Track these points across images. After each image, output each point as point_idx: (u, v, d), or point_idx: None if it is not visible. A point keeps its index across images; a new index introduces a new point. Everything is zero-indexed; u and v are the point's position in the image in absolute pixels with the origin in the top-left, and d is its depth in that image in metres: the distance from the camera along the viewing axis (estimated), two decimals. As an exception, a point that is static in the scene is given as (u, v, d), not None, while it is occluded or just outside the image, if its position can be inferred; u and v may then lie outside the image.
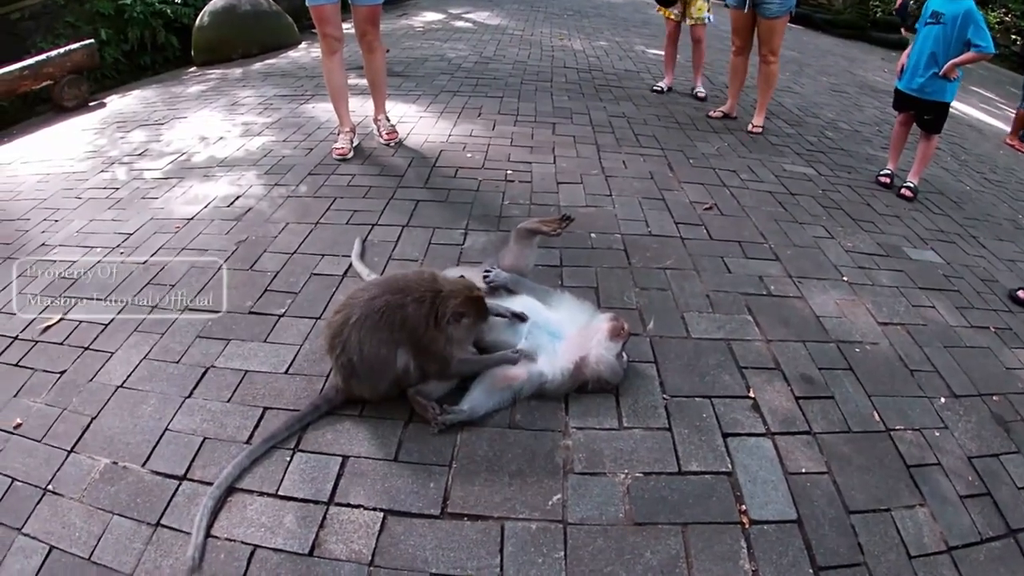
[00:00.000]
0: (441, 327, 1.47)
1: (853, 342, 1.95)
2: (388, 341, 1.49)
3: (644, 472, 1.43)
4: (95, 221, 2.79)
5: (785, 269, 2.35)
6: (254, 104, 4.58)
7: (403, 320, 1.48)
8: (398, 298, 1.50)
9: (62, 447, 1.52)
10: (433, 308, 1.48)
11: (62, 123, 4.62)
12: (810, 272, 2.36)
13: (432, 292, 1.50)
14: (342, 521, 1.34)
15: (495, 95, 4.50)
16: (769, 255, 2.45)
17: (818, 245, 2.59)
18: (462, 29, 7.57)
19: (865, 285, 2.32)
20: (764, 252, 2.47)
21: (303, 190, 2.97)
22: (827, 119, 4.76)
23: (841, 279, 2.34)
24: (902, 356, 1.91)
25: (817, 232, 2.72)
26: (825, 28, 10.47)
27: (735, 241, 2.52)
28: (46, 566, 1.25)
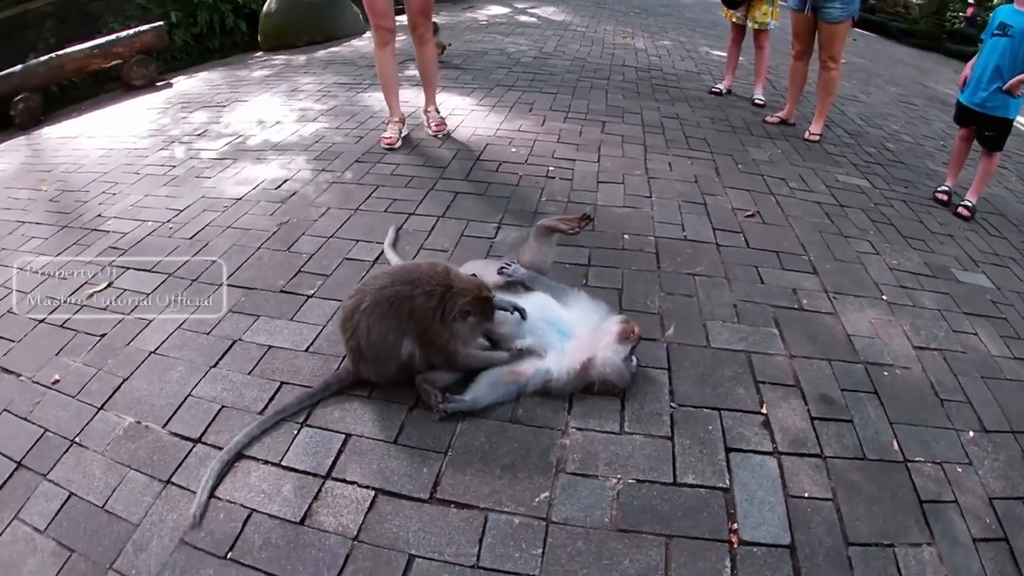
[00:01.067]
0: (447, 322, 1.53)
1: (883, 364, 1.87)
2: (395, 330, 1.56)
3: (637, 479, 1.43)
4: (150, 196, 3.03)
5: (822, 283, 2.27)
6: (313, 91, 4.82)
7: (411, 311, 1.55)
8: (408, 289, 1.56)
9: (93, 404, 1.69)
10: (441, 303, 1.53)
11: (129, 101, 5.02)
12: (848, 288, 2.26)
13: (442, 287, 1.56)
14: (335, 495, 1.42)
15: (549, 91, 4.56)
16: (807, 268, 2.37)
17: (861, 260, 2.48)
18: (525, 24, 7.67)
19: (905, 306, 2.21)
20: (802, 264, 2.39)
21: (348, 177, 3.12)
22: (890, 131, 4.59)
23: (880, 298, 2.24)
24: (934, 383, 1.81)
25: (862, 247, 2.61)
26: (900, 37, 10.25)
27: (773, 251, 2.46)
28: (63, 510, 1.41)
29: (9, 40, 5.93)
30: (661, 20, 8.36)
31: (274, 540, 1.32)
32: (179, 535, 1.34)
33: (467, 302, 1.54)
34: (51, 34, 6.10)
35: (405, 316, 1.56)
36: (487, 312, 1.59)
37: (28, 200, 3.10)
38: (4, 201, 3.05)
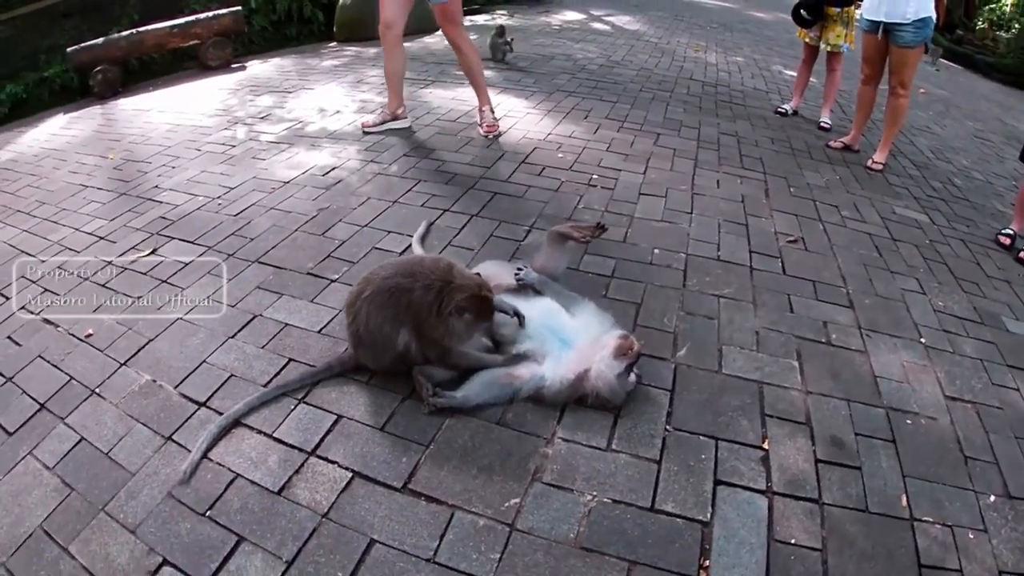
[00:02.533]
0: (443, 317, 1.59)
1: (907, 412, 1.75)
2: (392, 320, 1.64)
3: (612, 499, 1.43)
4: (205, 172, 3.30)
5: (856, 318, 2.16)
6: (376, 83, 5.08)
7: (409, 303, 1.62)
8: (408, 281, 1.64)
9: (117, 359, 1.88)
10: (439, 297, 1.59)
11: (202, 80, 5.47)
12: (884, 326, 2.15)
13: (442, 282, 1.62)
14: (315, 472, 1.51)
15: (609, 99, 4.61)
16: (843, 301, 2.26)
17: (904, 299, 2.35)
18: (598, 31, 7.76)
19: (944, 351, 2.07)
20: (839, 297, 2.29)
21: (393, 169, 3.27)
22: (960, 166, 4.37)
23: (918, 340, 2.11)
24: (960, 438, 1.68)
25: (908, 284, 2.48)
26: (986, 72, 9.92)
27: (810, 280, 2.37)
28: (72, 452, 1.58)
29: (95, 14, 6.56)
30: (738, 36, 8.29)
31: (251, 505, 1.43)
32: (168, 488, 1.47)
33: (464, 298, 1.59)
34: (135, 10, 6.69)
35: (403, 308, 1.63)
36: (484, 311, 1.63)
37: (94, 166, 3.46)
38: (73, 165, 3.41)
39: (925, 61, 6.00)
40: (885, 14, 3.52)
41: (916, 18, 3.43)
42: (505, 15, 8.95)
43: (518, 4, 9.60)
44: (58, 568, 1.31)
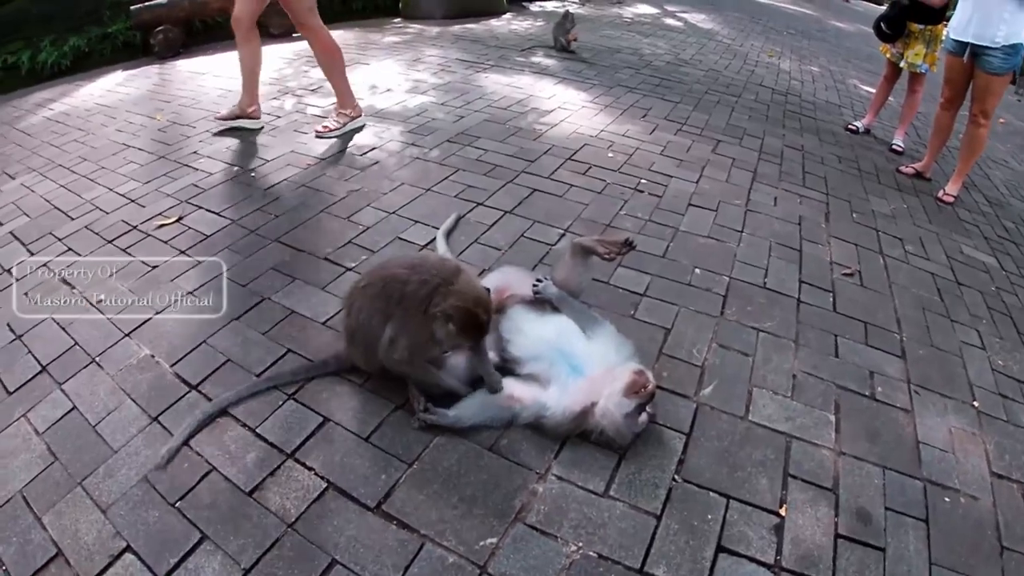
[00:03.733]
0: (428, 316, 1.50)
1: (947, 487, 1.56)
2: (381, 312, 1.57)
3: (599, 553, 1.32)
4: (246, 142, 3.35)
5: (906, 371, 1.96)
6: (433, 63, 5.07)
7: (401, 296, 1.54)
8: (406, 273, 1.56)
9: (121, 329, 1.92)
10: (431, 295, 1.51)
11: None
12: (936, 383, 1.94)
13: (441, 281, 1.53)
14: (290, 477, 1.48)
15: (671, 99, 4.46)
16: (895, 349, 2.06)
17: (962, 353, 2.13)
18: (670, 27, 7.61)
19: (997, 419, 1.85)
20: (890, 343, 2.08)
21: (433, 155, 3.23)
22: None
23: (971, 403, 1.89)
24: (1001, 524, 1.48)
25: (968, 337, 2.24)
26: None
27: (861, 321, 2.17)
28: (62, 420, 1.62)
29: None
30: (816, 45, 8.02)
31: (219, 503, 1.41)
32: (145, 471, 1.47)
33: (454, 306, 1.48)
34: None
35: (395, 301, 1.55)
36: (469, 329, 1.51)
37: (140, 126, 3.58)
38: (120, 123, 3.54)
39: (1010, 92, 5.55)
40: (974, 36, 3.31)
41: (1007, 43, 3.21)
42: (577, 3, 8.79)
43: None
44: (29, 537, 1.34)
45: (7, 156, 3.38)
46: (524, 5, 8.23)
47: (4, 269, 2.29)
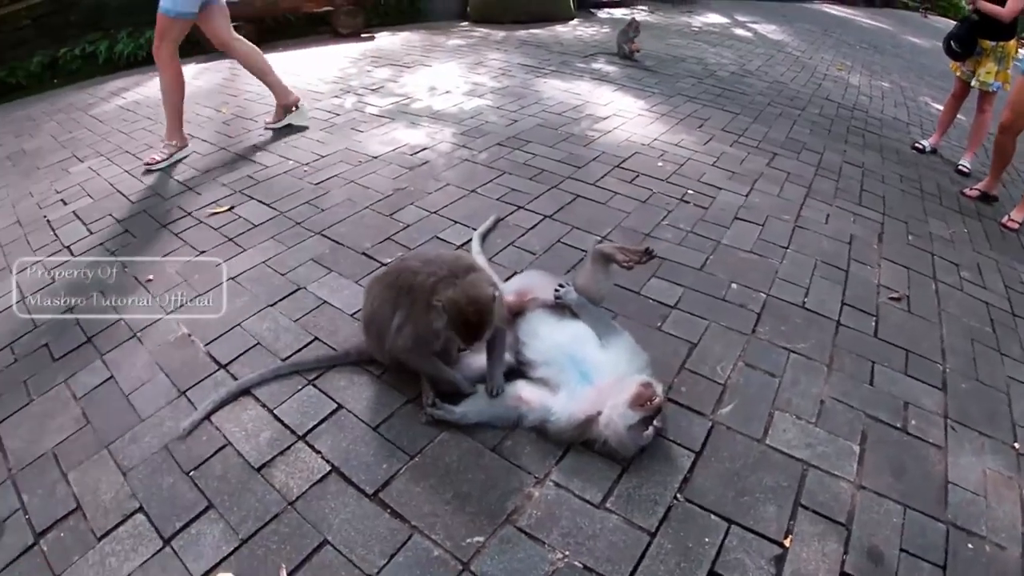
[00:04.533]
0: (430, 308, 1.53)
1: (973, 533, 1.44)
2: (392, 301, 1.64)
3: (584, 564, 1.31)
4: (303, 138, 3.54)
5: (945, 405, 1.82)
6: (495, 67, 5.18)
7: (410, 287, 1.59)
8: (419, 266, 1.62)
9: (165, 308, 2.08)
10: (435, 287, 1.54)
11: (331, 47, 5.87)
12: (976, 420, 1.79)
13: (449, 274, 1.56)
14: (298, 458, 1.56)
15: (731, 110, 4.38)
16: (936, 380, 1.92)
17: (1008, 390, 1.96)
18: (738, 37, 7.50)
19: None
20: (932, 374, 1.95)
21: (482, 157, 3.30)
22: None
23: (1011, 444, 1.74)
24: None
25: (1018, 373, 2.08)
26: None
27: (903, 348, 2.04)
28: (99, 388, 1.78)
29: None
30: (888, 60, 7.69)
31: (229, 476, 1.51)
32: (166, 440, 1.60)
33: (450, 300, 1.49)
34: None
35: (404, 291, 1.61)
36: (459, 327, 1.51)
37: (206, 118, 3.85)
38: (189, 115, 3.79)
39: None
40: None
41: None
42: (646, 11, 8.74)
43: (661, 1, 9.38)
44: (54, 490, 1.48)
45: (78, 140, 3.72)
46: (592, 12, 8.24)
47: (64, 246, 2.54)
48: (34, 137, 4.00)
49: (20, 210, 2.88)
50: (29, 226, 2.74)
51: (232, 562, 1.31)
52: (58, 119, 4.29)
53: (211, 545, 1.34)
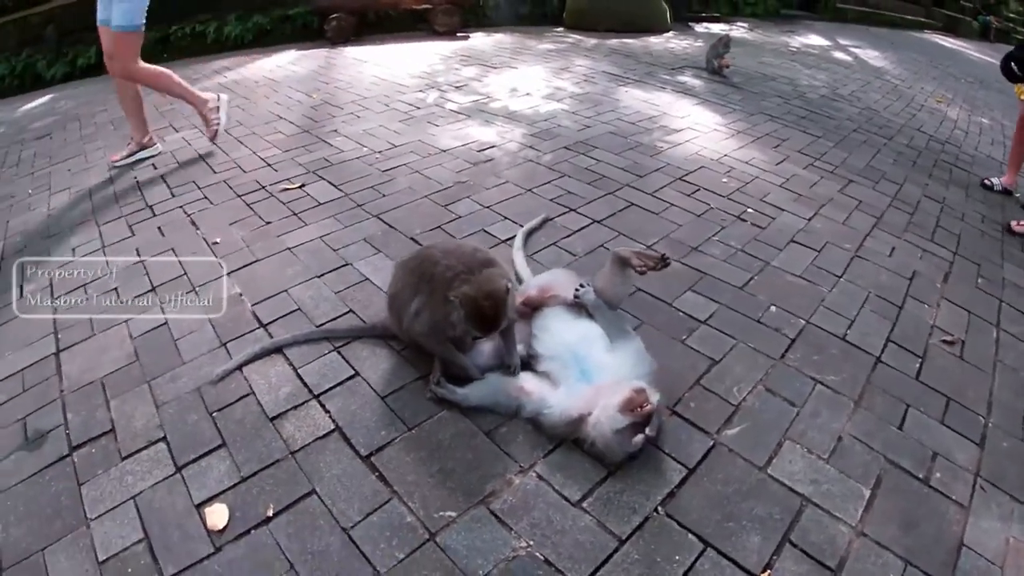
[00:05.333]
0: (446, 300, 1.61)
1: None
2: (413, 286, 1.73)
3: (544, 557, 1.32)
4: (382, 127, 3.74)
5: (978, 462, 1.63)
6: (579, 73, 5.21)
7: (431, 276, 1.68)
8: (439, 256, 1.70)
9: (226, 269, 2.29)
10: (451, 281, 1.61)
11: (426, 43, 6.11)
12: (1010, 484, 1.59)
13: (464, 270, 1.63)
14: (309, 414, 1.68)
15: (813, 133, 4.16)
16: (974, 434, 1.72)
17: None
18: (836, 60, 7.15)
19: None
20: (971, 427, 1.75)
21: (546, 159, 3.35)
22: None
23: None
24: None
25: None
26: None
27: (945, 395, 1.85)
28: (153, 331, 1.99)
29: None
30: (992, 96, 6.92)
31: (245, 421, 1.65)
32: (200, 383, 1.77)
33: (465, 295, 1.57)
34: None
35: (425, 279, 1.69)
36: (474, 320, 1.58)
37: (296, 102, 4.15)
38: (281, 97, 4.14)
39: None
40: None
41: None
42: (744, 28, 8.42)
43: (762, 19, 9.00)
44: (95, 415, 1.69)
45: (176, 112, 4.12)
46: (690, 25, 8.05)
47: (147, 205, 2.85)
48: None
49: (114, 170, 3.26)
50: (120, 184, 3.11)
51: (229, 495, 1.44)
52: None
53: (215, 478, 1.48)
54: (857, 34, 9.04)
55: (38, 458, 1.56)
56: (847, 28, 9.49)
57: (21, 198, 3.24)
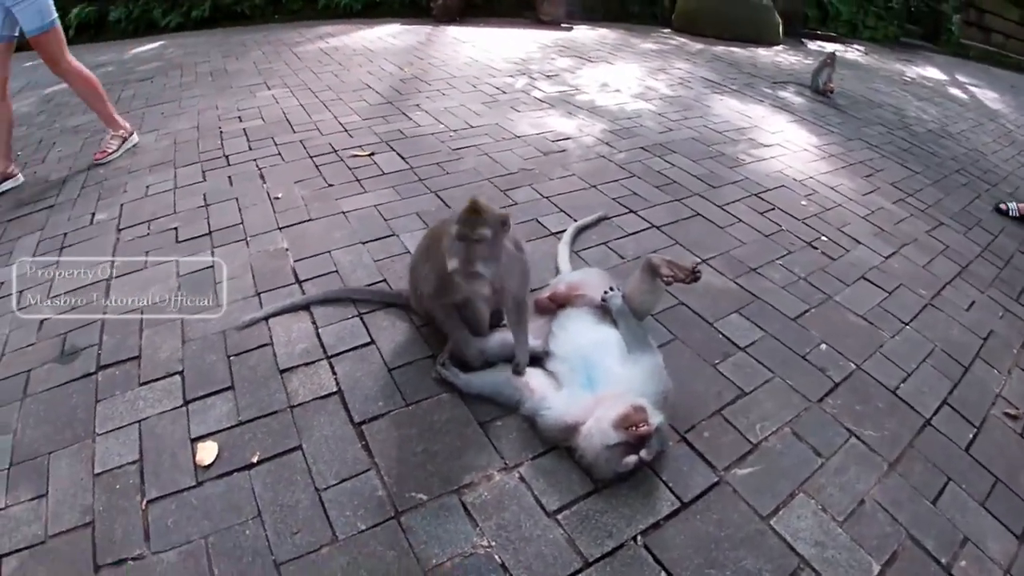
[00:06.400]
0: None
1: None
2: (425, 251, 1.70)
3: (503, 562, 1.25)
4: (463, 107, 3.74)
5: (1015, 556, 1.39)
6: (675, 76, 4.98)
7: (440, 236, 1.58)
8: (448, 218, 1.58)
9: (278, 224, 2.38)
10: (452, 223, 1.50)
11: (528, 30, 6.05)
12: None
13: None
14: (317, 373, 1.71)
15: (910, 167, 3.75)
16: (1016, 524, 1.48)
17: None
18: (951, 96, 6.45)
19: None
20: (1015, 516, 1.50)
21: (619, 157, 3.22)
22: None
23: None
24: None
25: None
26: None
27: (993, 475, 1.59)
28: (199, 272, 2.10)
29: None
30: None
31: (257, 369, 1.70)
32: (227, 327, 1.85)
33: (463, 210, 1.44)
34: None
35: (437, 240, 1.61)
36: (462, 228, 1.42)
37: (387, 74, 4.24)
38: (373, 67, 4.23)
39: None
40: None
41: None
42: (860, 51, 7.71)
43: (880, 44, 8.18)
44: (127, 340, 1.83)
45: (273, 71, 4.33)
46: (803, 41, 7.45)
47: (224, 155, 3.01)
48: (238, 60, 4.74)
49: (203, 118, 3.48)
50: (204, 132, 3.32)
51: (223, 436, 1.50)
52: (264, 49, 5.03)
53: (215, 417, 1.54)
54: (978, 72, 8.02)
55: (68, 371, 1.70)
56: (968, 65, 8.45)
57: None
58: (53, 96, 4.46)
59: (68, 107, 4.10)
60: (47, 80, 4.21)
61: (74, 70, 3.08)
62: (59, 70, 3.04)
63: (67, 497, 1.37)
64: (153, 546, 1.26)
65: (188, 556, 1.24)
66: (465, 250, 1.43)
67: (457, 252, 1.43)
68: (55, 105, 4.30)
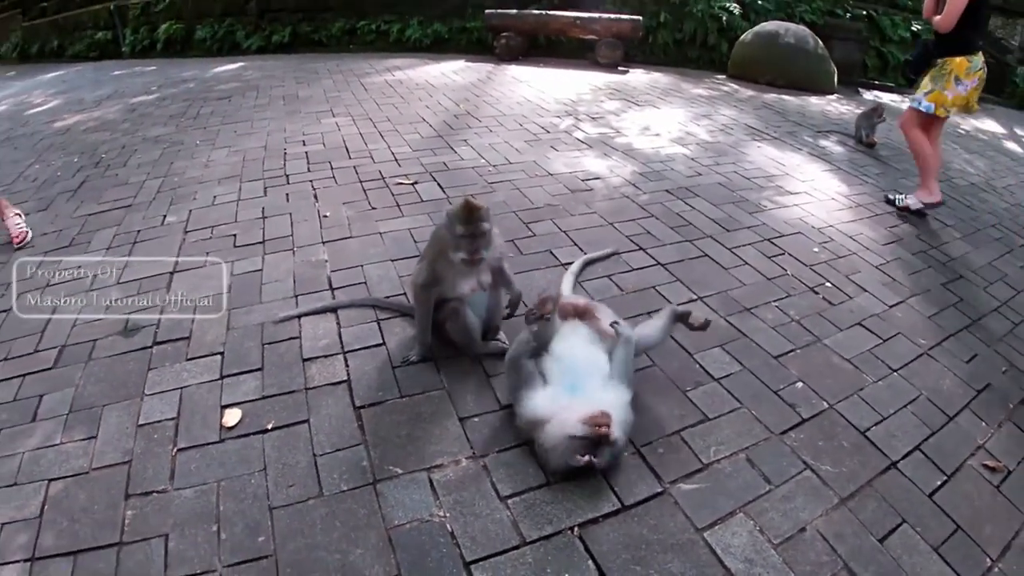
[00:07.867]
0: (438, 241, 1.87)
1: None
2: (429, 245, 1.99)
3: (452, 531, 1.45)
4: (505, 144, 4.05)
5: None
6: (718, 123, 5.09)
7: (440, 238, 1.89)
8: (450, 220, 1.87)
9: (321, 239, 2.74)
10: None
11: (584, 72, 6.35)
12: None
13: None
14: (333, 364, 2.01)
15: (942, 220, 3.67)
16: (968, 572, 1.47)
17: None
18: (1003, 150, 6.12)
19: None
20: (969, 566, 1.50)
21: (642, 199, 3.38)
22: None
23: None
24: None
25: None
26: None
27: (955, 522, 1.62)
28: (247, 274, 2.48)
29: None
30: None
31: (285, 356, 2.02)
32: (265, 321, 2.19)
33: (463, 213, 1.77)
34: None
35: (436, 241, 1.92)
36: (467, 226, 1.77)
37: (444, 108, 4.64)
38: (431, 102, 4.62)
39: None
40: None
41: None
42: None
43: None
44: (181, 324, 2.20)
45: (340, 99, 4.80)
46: (859, 91, 7.30)
47: (285, 175, 3.42)
48: (310, 87, 5.24)
49: (271, 139, 3.94)
50: (271, 152, 3.78)
51: (247, 406, 1.81)
52: (335, 78, 5.52)
53: (243, 391, 1.86)
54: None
55: (128, 344, 2.10)
56: (1036, 120, 7.91)
57: (188, 146, 4.11)
58: (137, 106, 5.10)
59: (151, 118, 4.71)
60: (132, 90, 4.85)
61: None
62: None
63: (112, 440, 1.72)
64: (176, 484, 1.57)
65: (202, 494, 1.54)
66: (471, 243, 1.78)
67: (465, 246, 1.79)
68: (139, 115, 4.95)
